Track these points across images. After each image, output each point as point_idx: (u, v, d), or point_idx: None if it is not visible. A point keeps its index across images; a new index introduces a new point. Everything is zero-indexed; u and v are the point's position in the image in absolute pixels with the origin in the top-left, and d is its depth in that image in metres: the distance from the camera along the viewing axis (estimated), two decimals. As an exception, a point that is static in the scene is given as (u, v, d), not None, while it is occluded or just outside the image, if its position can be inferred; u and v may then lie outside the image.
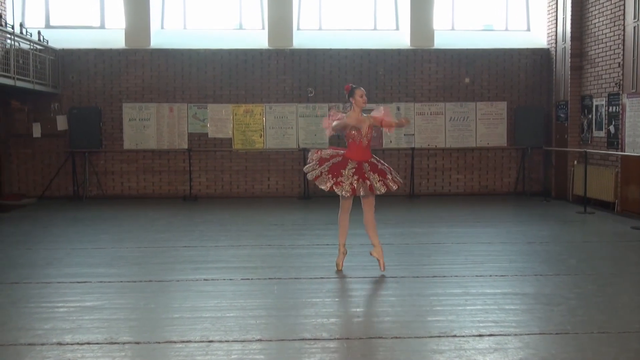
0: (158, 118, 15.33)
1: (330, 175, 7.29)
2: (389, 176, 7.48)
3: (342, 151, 7.62)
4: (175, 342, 5.29)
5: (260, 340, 5.34)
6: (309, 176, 7.55)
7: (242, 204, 14.31)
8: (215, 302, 6.42)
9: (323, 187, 7.33)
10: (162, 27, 15.94)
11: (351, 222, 7.86)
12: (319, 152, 7.69)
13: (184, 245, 9.50)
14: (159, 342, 5.29)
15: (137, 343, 5.29)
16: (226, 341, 5.28)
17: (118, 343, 5.25)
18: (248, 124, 15.43)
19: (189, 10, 15.98)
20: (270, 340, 5.36)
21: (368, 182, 7.33)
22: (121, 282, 7.34)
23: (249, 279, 7.46)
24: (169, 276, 7.65)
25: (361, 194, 7.34)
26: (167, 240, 9.95)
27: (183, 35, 15.84)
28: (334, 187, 7.28)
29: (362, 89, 7.66)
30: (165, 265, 8.31)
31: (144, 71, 15.34)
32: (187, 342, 5.26)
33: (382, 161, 7.70)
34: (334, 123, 7.33)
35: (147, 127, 15.33)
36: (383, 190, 7.42)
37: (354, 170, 7.33)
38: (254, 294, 6.85)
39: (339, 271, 7.61)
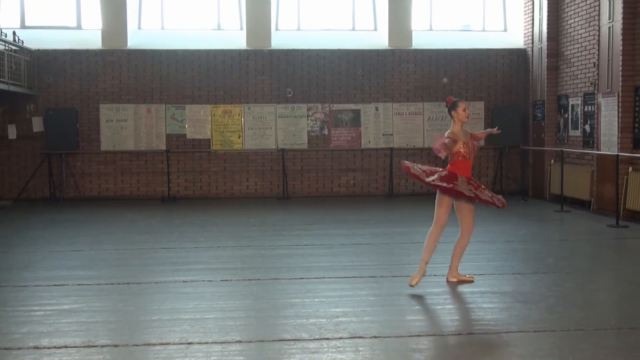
0: (136, 119, 15.24)
1: (445, 183, 6.70)
2: (493, 195, 6.97)
3: (440, 169, 7.06)
4: (154, 344, 5.25)
5: (239, 341, 5.32)
6: (419, 175, 6.89)
7: (221, 205, 14.26)
8: (194, 304, 6.39)
9: (443, 184, 6.68)
10: (139, 28, 15.84)
11: (330, 222, 7.83)
12: (418, 166, 7.06)
13: (163, 247, 9.44)
14: (138, 345, 5.25)
15: (116, 346, 5.25)
16: (205, 343, 5.26)
17: (96, 346, 5.21)
18: (227, 124, 15.39)
19: (167, 11, 15.89)
20: (250, 342, 5.35)
21: (484, 196, 6.76)
22: (99, 284, 7.28)
23: (228, 280, 7.43)
24: (147, 278, 7.60)
25: (483, 196, 6.74)
26: (146, 242, 9.89)
27: (161, 35, 15.75)
28: (453, 188, 6.65)
29: (464, 102, 7.05)
30: (144, 267, 8.26)
31: (121, 72, 15.24)
32: (166, 344, 5.23)
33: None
34: (446, 141, 6.61)
35: (125, 128, 15.22)
36: (500, 206, 6.91)
37: (466, 182, 6.75)
38: (234, 295, 6.83)
39: (411, 286, 6.86)
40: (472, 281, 7.09)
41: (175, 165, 15.36)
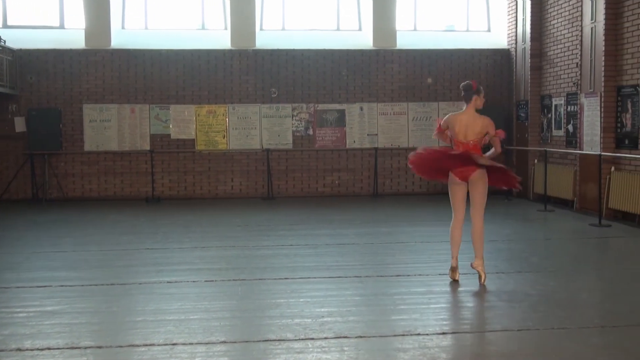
0: (119, 119, 15.16)
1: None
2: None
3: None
4: (138, 345, 5.22)
5: (224, 342, 5.31)
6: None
7: (206, 205, 14.22)
8: (179, 305, 6.37)
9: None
10: (123, 27, 15.75)
11: (315, 222, 7.83)
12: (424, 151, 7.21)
13: (147, 248, 9.40)
14: (122, 346, 5.22)
15: (99, 347, 5.21)
16: (190, 344, 5.24)
17: (79, 348, 5.17)
18: (211, 124, 15.34)
19: (150, 10, 15.82)
20: (235, 342, 5.33)
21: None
22: (83, 285, 7.23)
23: (213, 280, 7.41)
24: (132, 279, 7.56)
25: (476, 159, 6.80)
26: (130, 243, 9.84)
27: (144, 35, 15.67)
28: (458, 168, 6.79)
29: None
30: (128, 267, 8.22)
31: (105, 72, 15.15)
32: (150, 345, 5.21)
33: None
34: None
35: (108, 128, 15.14)
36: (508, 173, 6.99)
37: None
38: (218, 295, 6.81)
39: (455, 280, 7.05)
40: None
41: (159, 166, 15.30)
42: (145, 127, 15.24)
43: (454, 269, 7.13)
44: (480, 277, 7.01)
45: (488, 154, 7.03)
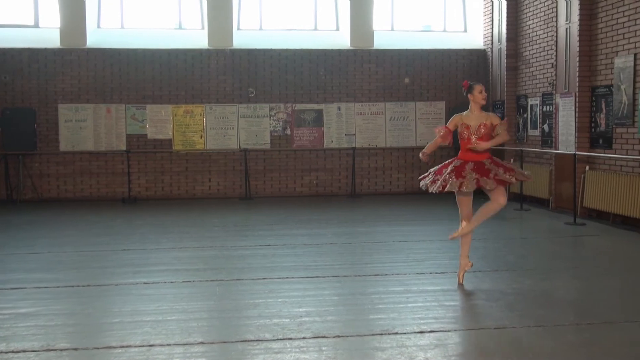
0: (95, 119, 15.03)
1: (454, 179, 6.73)
2: (516, 170, 6.94)
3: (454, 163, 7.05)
4: (114, 347, 5.18)
5: (202, 343, 5.28)
6: (433, 189, 6.96)
7: (183, 206, 14.15)
8: (156, 306, 6.33)
9: (453, 189, 6.78)
10: (99, 26, 15.62)
11: (293, 222, 7.82)
12: (429, 172, 7.22)
13: (123, 249, 9.33)
14: (98, 348, 5.18)
15: (75, 349, 5.17)
16: (167, 345, 5.21)
17: (55, 350, 5.12)
18: (188, 124, 15.27)
19: (127, 9, 15.70)
20: (213, 343, 5.31)
21: (492, 175, 6.72)
22: (58, 287, 7.16)
23: (190, 281, 7.38)
24: (108, 280, 7.50)
25: (487, 188, 6.73)
26: (106, 244, 9.76)
27: (120, 34, 15.55)
28: (462, 189, 6.72)
29: (481, 84, 7.09)
30: (105, 269, 8.15)
31: (80, 71, 15.01)
32: (127, 346, 5.17)
33: (504, 162, 7.10)
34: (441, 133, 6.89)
35: (84, 128, 15.00)
36: (513, 180, 6.81)
37: (474, 168, 6.77)
38: (196, 296, 6.78)
39: (460, 283, 7.01)
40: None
41: (136, 166, 15.20)
42: (121, 127, 15.12)
43: (462, 270, 7.07)
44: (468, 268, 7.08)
45: (493, 141, 6.98)
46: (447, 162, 7.11)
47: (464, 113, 7.07)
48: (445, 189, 6.82)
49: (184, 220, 12.10)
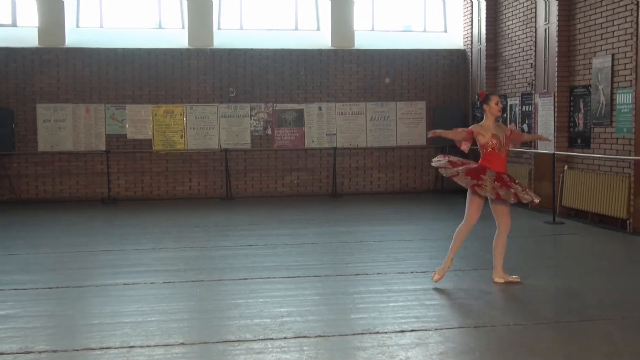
0: (74, 119, 14.90)
1: (469, 177, 6.73)
2: (528, 190, 6.93)
3: (471, 162, 7.09)
4: (94, 348, 5.15)
5: (182, 343, 5.26)
6: (444, 172, 6.93)
7: (164, 206, 14.08)
8: (136, 307, 6.29)
9: (463, 184, 6.76)
10: (78, 26, 15.50)
11: (274, 222, 7.81)
12: (447, 156, 7.15)
13: (103, 250, 9.26)
14: (77, 350, 5.14)
15: (55, 351, 5.12)
16: (148, 346, 5.18)
17: (34, 352, 5.07)
18: (168, 124, 15.20)
19: (106, 8, 15.59)
20: (193, 344, 5.29)
21: (512, 190, 6.70)
22: (37, 288, 7.09)
23: (171, 282, 7.34)
24: (87, 281, 7.44)
25: (504, 197, 6.69)
26: (86, 245, 9.69)
27: (100, 33, 15.44)
28: (476, 188, 6.67)
29: (497, 95, 7.11)
30: (84, 270, 8.09)
31: (59, 71, 14.88)
32: (107, 348, 5.14)
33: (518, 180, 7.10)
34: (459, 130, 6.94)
35: (63, 128, 14.87)
36: (528, 198, 6.78)
37: (495, 177, 6.75)
38: (177, 297, 6.75)
39: (434, 281, 7.00)
40: (518, 282, 7.04)
41: (115, 166, 15.09)
42: (100, 127, 15.02)
43: (442, 270, 7.01)
44: (515, 282, 7.06)
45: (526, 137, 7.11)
46: (466, 161, 7.09)
47: (482, 123, 7.05)
48: (455, 180, 6.82)
49: (164, 221, 12.04)
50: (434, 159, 7.18)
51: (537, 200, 6.88)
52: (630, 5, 10.24)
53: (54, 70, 14.85)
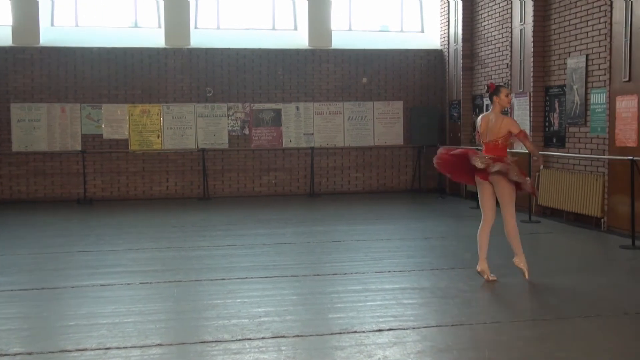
0: (49, 119, 14.75)
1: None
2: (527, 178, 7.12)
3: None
4: (70, 350, 5.10)
5: (160, 344, 5.23)
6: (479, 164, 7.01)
7: (141, 206, 13.98)
8: (112, 308, 6.24)
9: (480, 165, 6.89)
10: (52, 24, 15.34)
11: (252, 222, 7.80)
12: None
13: (79, 250, 9.18)
14: (53, 352, 5.09)
15: (29, 354, 5.06)
16: (124, 347, 5.15)
17: (9, 354, 5.01)
18: (145, 124, 15.10)
19: (81, 7, 15.45)
20: (171, 344, 5.26)
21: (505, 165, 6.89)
22: (12, 290, 7.01)
23: (148, 282, 7.29)
24: (63, 282, 7.37)
25: (493, 169, 6.88)
26: (61, 246, 9.59)
27: (75, 32, 15.30)
28: (472, 161, 6.87)
29: (506, 87, 7.23)
30: (59, 271, 8.01)
31: (34, 70, 14.71)
32: (83, 350, 5.09)
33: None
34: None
35: (38, 128, 14.71)
36: (520, 179, 7.02)
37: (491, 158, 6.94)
38: (154, 297, 6.71)
39: (489, 280, 7.07)
40: (495, 280, 7.11)
41: (91, 166, 14.96)
42: (76, 127, 14.88)
43: (483, 271, 7.10)
44: (523, 273, 7.13)
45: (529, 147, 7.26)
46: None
47: (486, 114, 7.22)
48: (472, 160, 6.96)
49: (141, 221, 11.96)
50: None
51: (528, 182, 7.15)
52: (604, 6, 10.36)
53: (29, 70, 14.69)
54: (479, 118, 7.35)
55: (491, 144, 7.12)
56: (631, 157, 9.19)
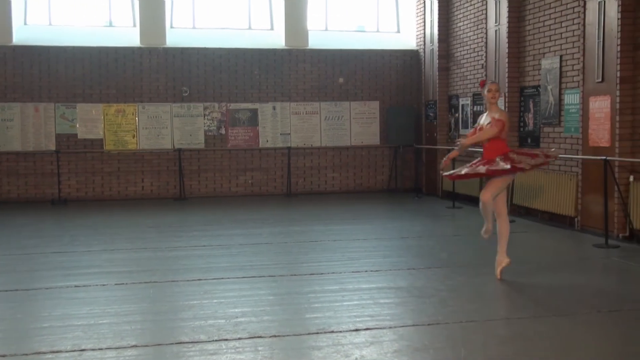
0: (23, 118, 14.58)
1: (486, 167, 6.97)
2: (539, 153, 7.21)
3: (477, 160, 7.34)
4: (44, 352, 5.04)
5: (135, 346, 5.20)
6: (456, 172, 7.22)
7: (116, 207, 13.87)
8: (87, 309, 6.19)
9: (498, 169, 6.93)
10: (25, 23, 15.16)
11: (228, 222, 7.77)
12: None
13: (53, 251, 9.08)
14: (27, 354, 5.03)
15: (3, 356, 5.00)
16: (99, 349, 5.10)
17: (-19, 357, 4.95)
18: (120, 124, 14.98)
19: (54, 6, 15.29)
20: (147, 346, 5.23)
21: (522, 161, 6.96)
22: (-16, 292, 6.92)
23: (123, 283, 7.24)
24: (37, 284, 7.29)
25: (517, 162, 6.90)
26: (36, 247, 9.48)
27: (48, 31, 15.13)
28: (491, 166, 6.90)
29: (493, 83, 7.47)
30: (33, 272, 7.92)
31: (6, 69, 14.53)
32: (58, 352, 5.04)
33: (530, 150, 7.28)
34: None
35: (11, 128, 14.53)
36: (536, 162, 7.07)
37: (503, 158, 6.98)
38: (129, 298, 6.66)
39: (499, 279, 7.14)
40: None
41: (65, 167, 14.81)
42: (50, 127, 14.72)
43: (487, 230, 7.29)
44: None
45: (475, 137, 7.34)
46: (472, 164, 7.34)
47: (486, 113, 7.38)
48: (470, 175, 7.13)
49: (116, 222, 11.87)
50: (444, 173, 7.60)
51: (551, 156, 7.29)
52: (577, 8, 10.48)
53: (1, 69, 14.50)
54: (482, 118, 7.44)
55: (489, 143, 7.14)
56: (604, 157, 9.31)
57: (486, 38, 13.12)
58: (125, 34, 15.33)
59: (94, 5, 15.55)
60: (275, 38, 15.89)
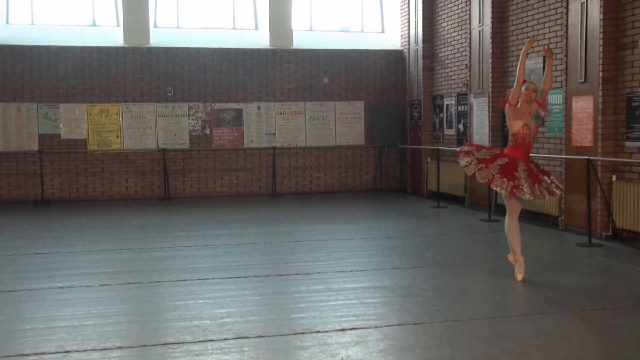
0: (5, 118, 14.45)
1: (505, 179, 6.75)
2: (553, 177, 7.07)
3: (497, 150, 7.13)
4: (28, 354, 5.00)
5: (120, 347, 5.17)
6: (479, 178, 6.96)
7: (100, 207, 13.79)
8: (71, 311, 6.14)
9: (501, 191, 6.84)
10: (7, 22, 15.03)
11: (213, 222, 7.75)
12: (472, 145, 7.22)
13: (36, 253, 9.01)
14: (10, 356, 4.98)
15: (-14, 358, 4.96)
16: (84, 350, 5.07)
17: (-36, 359, 4.90)
18: (104, 124, 14.89)
19: (37, 5, 15.17)
20: (132, 347, 5.20)
21: (544, 185, 6.87)
22: (-34, 294, 6.86)
23: (107, 284, 7.20)
24: (20, 285, 7.23)
25: (539, 197, 6.80)
26: (19, 248, 9.40)
27: (31, 30, 15.01)
28: (515, 191, 6.76)
29: (531, 83, 7.19)
30: (16, 273, 7.85)
31: (-12, 68, 14.41)
32: (41, 354, 5.00)
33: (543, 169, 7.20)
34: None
35: (-7, 128, 14.41)
36: (559, 192, 7.01)
37: (526, 172, 6.83)
38: (114, 299, 6.62)
39: (520, 280, 7.08)
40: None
41: (49, 167, 14.70)
42: (33, 127, 14.60)
43: (520, 267, 7.15)
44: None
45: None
46: (490, 151, 7.15)
47: (520, 107, 7.04)
48: (492, 186, 6.93)
49: (100, 222, 11.80)
50: (461, 161, 7.19)
51: (558, 192, 7.11)
52: (560, 8, 10.56)
53: (-17, 68, 14.38)
54: (516, 111, 7.05)
55: (531, 143, 7.09)
56: (587, 157, 9.38)
57: (470, 38, 13.18)
58: (109, 33, 15.24)
59: (77, 4, 15.45)
60: (259, 38, 15.86)
